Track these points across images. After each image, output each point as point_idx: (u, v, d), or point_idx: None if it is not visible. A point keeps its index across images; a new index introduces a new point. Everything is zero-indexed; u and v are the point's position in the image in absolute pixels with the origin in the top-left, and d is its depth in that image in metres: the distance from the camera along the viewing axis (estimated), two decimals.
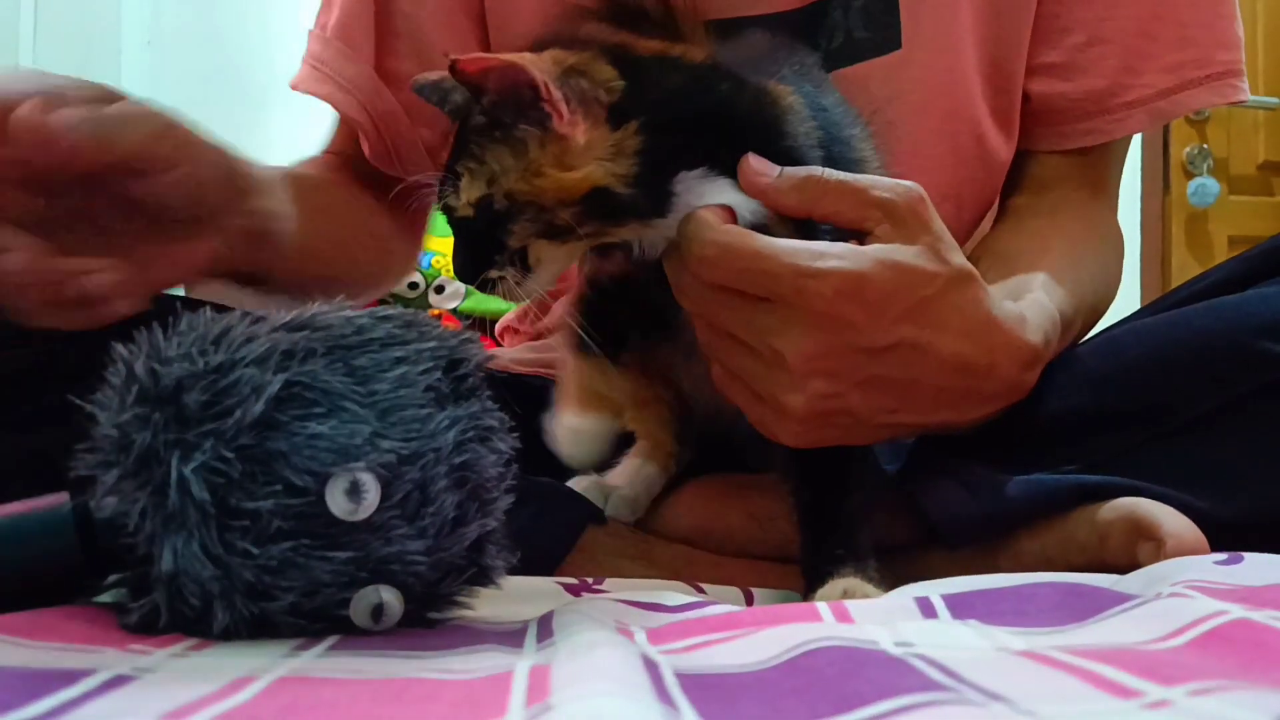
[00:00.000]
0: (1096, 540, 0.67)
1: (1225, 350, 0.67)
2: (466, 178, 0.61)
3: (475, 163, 0.61)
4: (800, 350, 0.58)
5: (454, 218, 0.63)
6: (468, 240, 0.63)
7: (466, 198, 0.61)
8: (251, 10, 2.92)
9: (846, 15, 0.82)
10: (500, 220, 0.61)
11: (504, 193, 0.61)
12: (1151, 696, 0.33)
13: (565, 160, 0.60)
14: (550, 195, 0.61)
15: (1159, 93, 0.83)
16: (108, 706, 0.34)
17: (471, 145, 0.61)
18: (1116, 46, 0.84)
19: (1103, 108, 0.85)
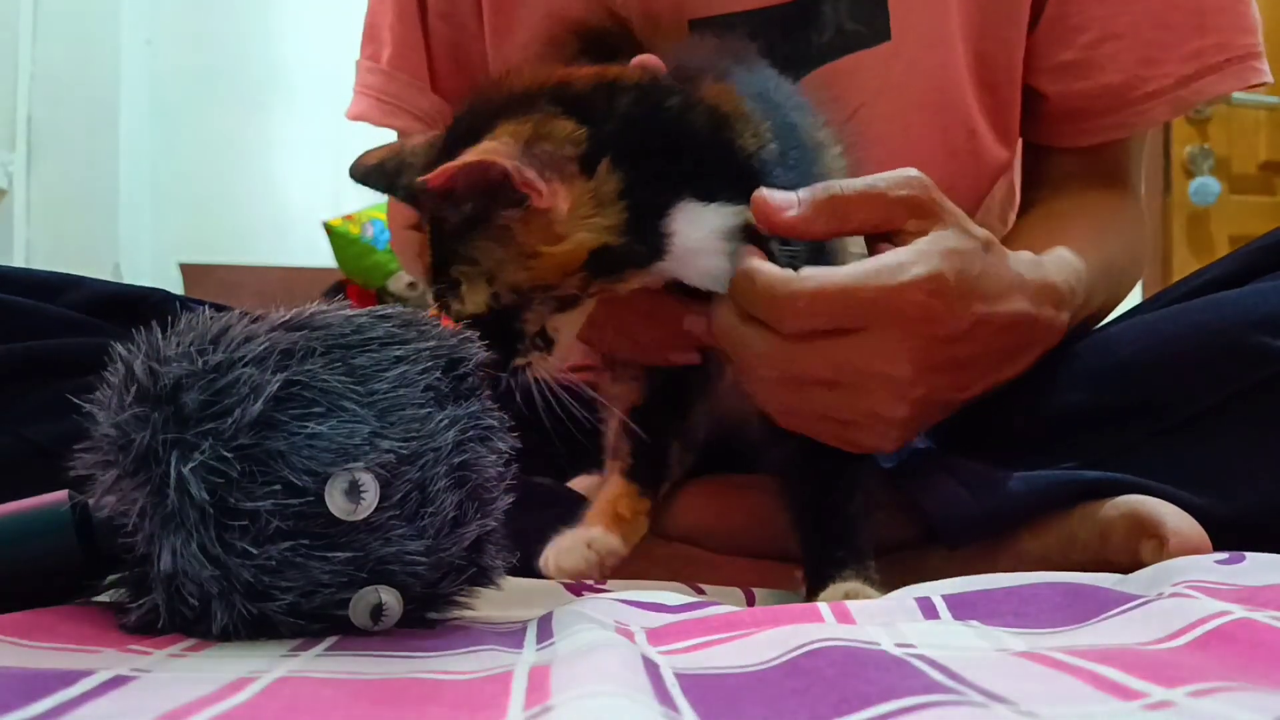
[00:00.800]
0: (1098, 538, 0.67)
1: (1224, 346, 0.67)
2: (465, 284, 0.59)
3: (468, 265, 0.59)
4: (910, 364, 0.60)
5: (462, 319, 0.60)
6: (484, 335, 0.59)
7: (472, 305, 0.59)
8: (251, 10, 2.92)
9: (836, 8, 0.82)
10: (512, 312, 0.60)
11: (507, 287, 0.59)
12: (1153, 697, 0.33)
13: (554, 232, 0.58)
14: (552, 273, 0.59)
15: (1179, 81, 0.83)
16: (107, 707, 0.34)
17: (458, 249, 0.59)
18: (1131, 40, 0.83)
19: (1123, 101, 0.84)
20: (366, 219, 2.41)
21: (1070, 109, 0.86)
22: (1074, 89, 0.85)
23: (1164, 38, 0.82)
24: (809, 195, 0.59)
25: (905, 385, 0.61)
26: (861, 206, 0.60)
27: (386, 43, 0.92)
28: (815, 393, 0.61)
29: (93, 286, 0.76)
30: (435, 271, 0.60)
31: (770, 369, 0.61)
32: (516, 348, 0.60)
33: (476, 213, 0.58)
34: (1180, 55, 0.82)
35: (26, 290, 0.73)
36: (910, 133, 0.83)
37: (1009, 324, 0.63)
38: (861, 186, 0.60)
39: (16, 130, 2.58)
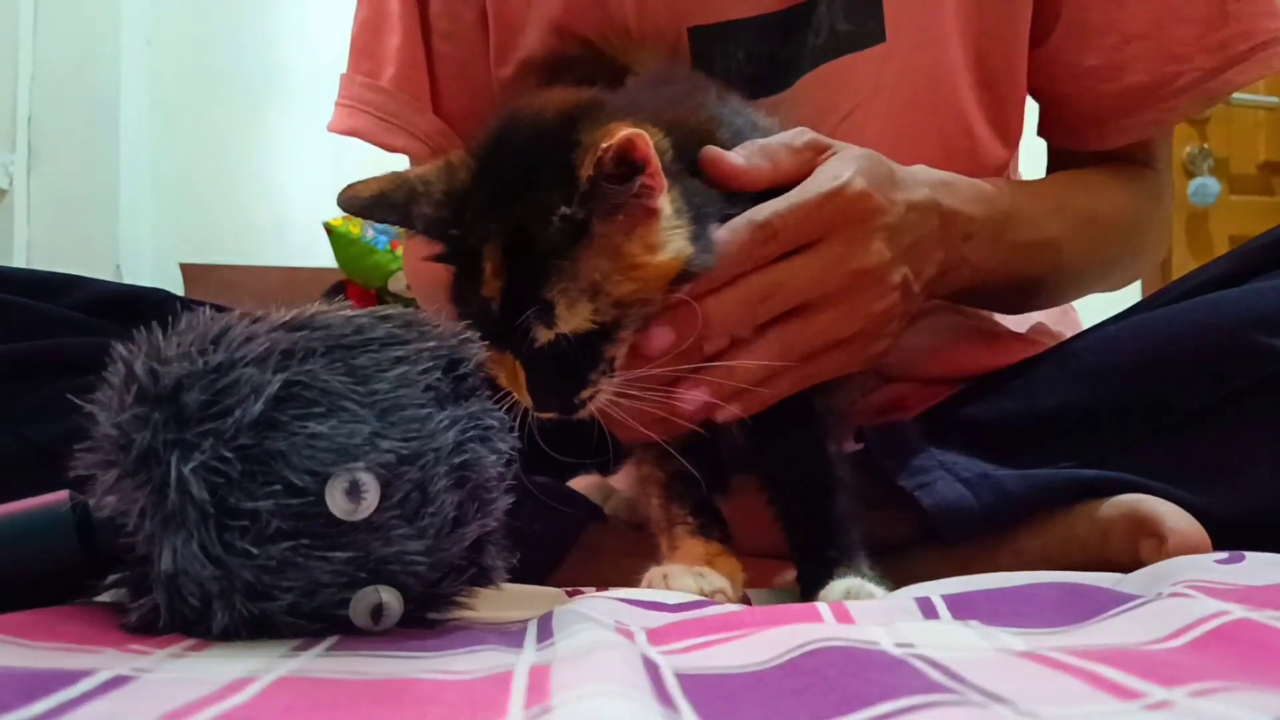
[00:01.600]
0: (1098, 537, 0.67)
1: (1223, 345, 0.67)
2: (563, 304, 0.55)
3: (568, 282, 0.55)
4: (875, 250, 0.66)
5: (530, 351, 0.57)
6: (545, 369, 0.57)
7: (569, 325, 0.56)
8: (251, 10, 2.92)
9: (830, 10, 0.82)
10: (605, 332, 0.57)
11: (611, 302, 0.57)
12: (1153, 697, 0.33)
13: (653, 240, 0.57)
14: (653, 285, 0.58)
15: (1206, 74, 0.82)
16: (107, 707, 0.34)
17: (555, 265, 0.56)
18: (1154, 39, 0.83)
19: (1151, 100, 0.84)
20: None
21: (1098, 112, 0.86)
22: (1100, 91, 0.85)
23: (1187, 32, 0.82)
24: (748, 149, 0.65)
25: (883, 271, 0.66)
26: (787, 154, 0.66)
27: (389, 61, 0.91)
28: (815, 322, 0.65)
29: (93, 286, 0.76)
30: (512, 300, 0.56)
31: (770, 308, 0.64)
32: (589, 377, 0.58)
33: (575, 224, 0.55)
34: (1205, 48, 0.82)
35: (27, 290, 0.73)
36: (906, 133, 0.83)
37: (927, 208, 0.70)
38: (779, 140, 0.66)
39: (16, 130, 2.57)
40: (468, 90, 0.91)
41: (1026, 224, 0.78)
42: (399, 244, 2.39)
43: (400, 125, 0.91)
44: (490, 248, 0.57)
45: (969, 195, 0.74)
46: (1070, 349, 0.74)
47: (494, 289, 0.57)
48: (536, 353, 0.57)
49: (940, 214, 0.71)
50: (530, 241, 0.56)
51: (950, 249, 0.72)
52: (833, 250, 0.65)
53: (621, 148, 0.54)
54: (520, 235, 0.56)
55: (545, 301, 0.56)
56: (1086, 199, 0.86)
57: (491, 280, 0.57)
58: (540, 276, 0.56)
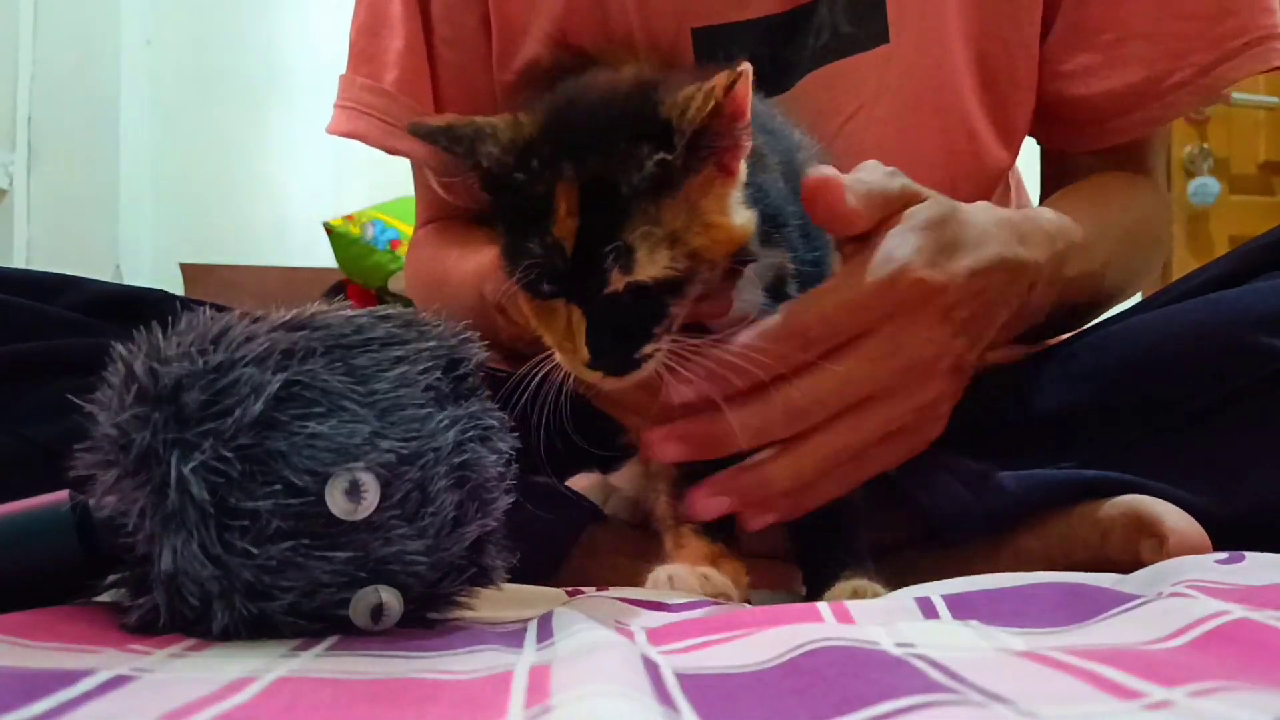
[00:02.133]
0: (1098, 537, 0.67)
1: (1223, 345, 0.67)
2: (643, 247, 0.54)
3: (652, 226, 0.55)
4: (928, 339, 0.62)
5: (599, 297, 0.55)
6: (609, 320, 0.56)
7: (649, 272, 0.55)
8: (251, 10, 2.92)
9: (832, 11, 0.82)
10: (674, 286, 0.56)
11: (686, 253, 0.56)
12: (1153, 697, 0.33)
13: (727, 203, 0.57)
14: (723, 248, 0.57)
15: (1200, 70, 0.82)
16: (107, 706, 0.34)
17: (641, 209, 0.55)
18: (1153, 36, 0.83)
19: (1147, 97, 0.83)
20: (367, 219, 2.41)
21: (1094, 110, 0.85)
22: (1098, 90, 0.84)
23: (1186, 29, 0.82)
24: (863, 190, 0.61)
25: (932, 362, 0.62)
26: (890, 203, 0.62)
27: (391, 65, 0.91)
28: (865, 418, 0.62)
29: (92, 287, 0.76)
30: (588, 241, 0.55)
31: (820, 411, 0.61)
32: (653, 332, 0.57)
33: (664, 172, 0.55)
34: (1203, 44, 0.82)
35: (26, 291, 0.73)
36: (909, 135, 0.82)
37: (992, 269, 0.65)
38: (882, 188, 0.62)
39: (16, 130, 2.58)
40: (469, 95, 0.91)
41: (1081, 257, 0.75)
42: (399, 244, 2.39)
43: (402, 128, 0.91)
44: (565, 187, 0.55)
45: (1036, 239, 0.69)
46: (1070, 349, 0.74)
47: (568, 229, 0.55)
48: (603, 301, 0.56)
49: (1008, 269, 0.66)
50: (611, 186, 0.55)
51: (1014, 305, 0.68)
52: (881, 346, 0.61)
53: (737, 87, 0.54)
54: (599, 180, 0.55)
55: (626, 244, 0.54)
56: (1120, 215, 0.84)
57: (565, 220, 0.55)
58: (621, 219, 0.55)
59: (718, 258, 0.57)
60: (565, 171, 0.55)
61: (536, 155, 0.57)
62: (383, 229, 2.40)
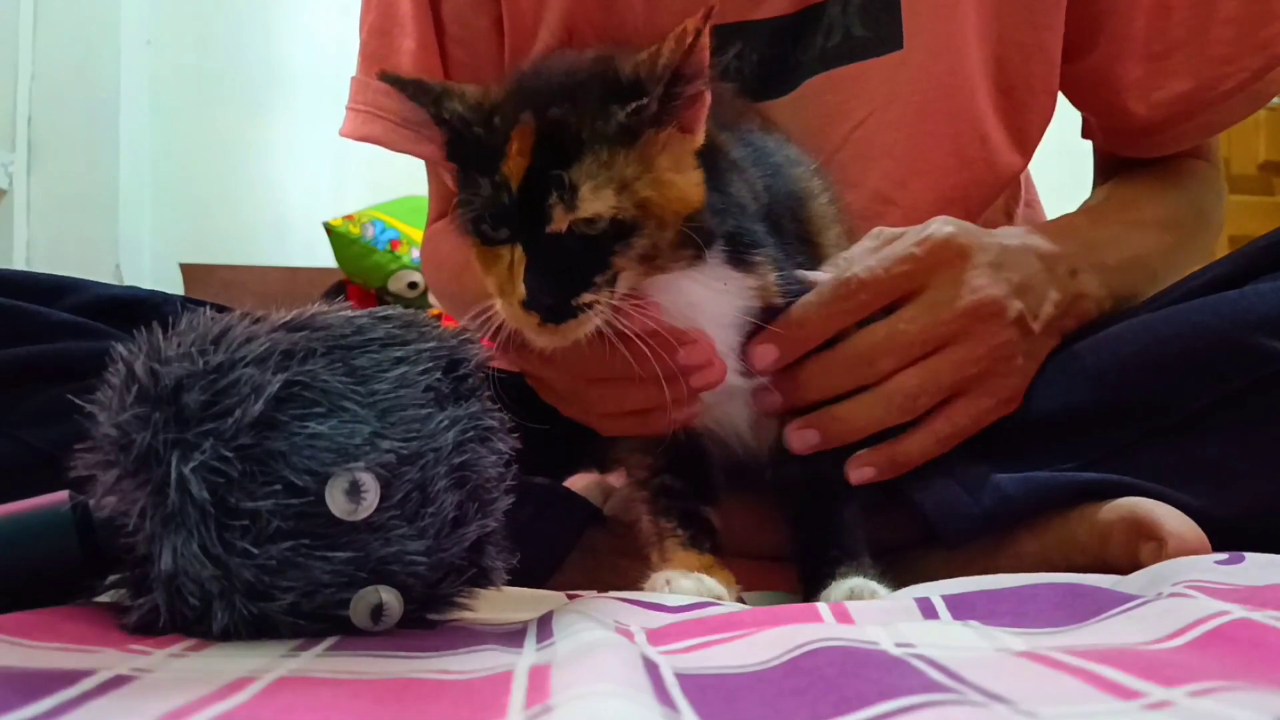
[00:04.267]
0: (1097, 540, 0.67)
1: (1223, 346, 0.67)
2: (589, 185, 0.56)
3: (601, 168, 0.56)
4: (974, 286, 0.67)
5: (541, 236, 0.56)
6: (550, 262, 0.56)
7: (592, 208, 0.56)
8: (251, 10, 2.92)
9: (844, 13, 0.82)
10: (617, 235, 0.57)
11: (634, 203, 0.57)
12: (1152, 697, 0.33)
13: (683, 165, 0.59)
14: (673, 206, 0.58)
15: (1253, 75, 0.82)
16: (107, 707, 0.34)
17: (592, 151, 0.56)
18: (1195, 45, 0.82)
19: (1200, 105, 0.83)
20: (367, 219, 2.41)
21: (1149, 122, 0.85)
22: (1151, 101, 0.84)
23: (1228, 33, 0.82)
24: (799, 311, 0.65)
25: (994, 304, 0.68)
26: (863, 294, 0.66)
27: (403, 67, 0.90)
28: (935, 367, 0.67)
29: (94, 290, 0.76)
30: (534, 178, 0.56)
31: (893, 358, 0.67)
32: (593, 281, 0.57)
33: (624, 124, 0.57)
34: (1249, 48, 0.81)
35: (27, 294, 0.73)
36: (921, 142, 0.82)
37: (1024, 250, 0.71)
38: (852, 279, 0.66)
39: (16, 130, 2.57)
40: None
41: (1111, 247, 0.78)
42: (399, 244, 2.39)
43: (419, 131, 0.90)
44: (520, 130, 0.57)
45: (1053, 234, 0.75)
46: (1070, 350, 0.74)
47: (517, 167, 0.57)
48: (546, 239, 0.56)
49: (1039, 255, 0.72)
50: (568, 133, 0.57)
51: (1063, 287, 0.72)
52: (936, 295, 0.66)
53: (702, 35, 0.56)
54: (557, 127, 0.57)
55: (570, 181, 0.56)
56: (1155, 209, 0.85)
57: (515, 158, 0.57)
58: (569, 160, 0.56)
59: (667, 216, 0.58)
60: (523, 119, 0.57)
61: (499, 114, 0.59)
62: (383, 229, 2.40)
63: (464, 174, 0.61)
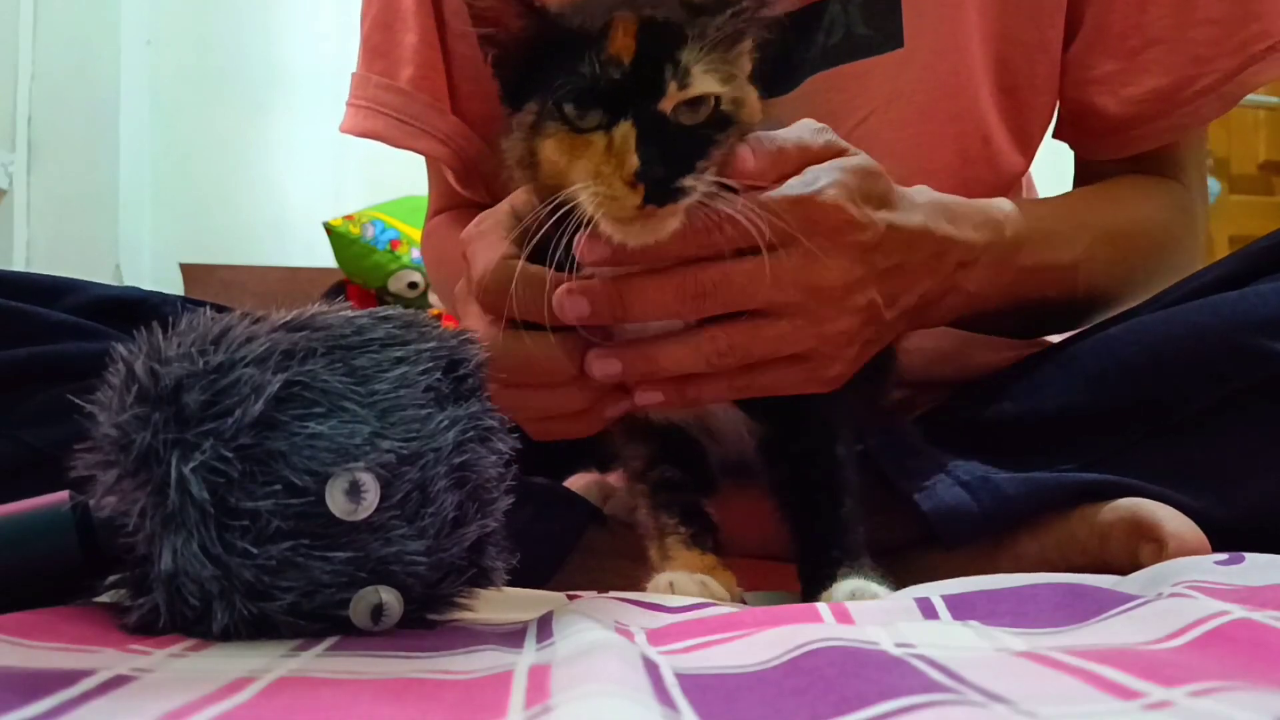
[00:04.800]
0: (1097, 541, 0.67)
1: (1223, 347, 0.67)
2: (699, 68, 0.57)
3: (705, 56, 0.57)
4: (841, 270, 0.62)
5: (652, 112, 0.56)
6: (660, 138, 0.56)
7: (703, 86, 0.57)
8: (251, 10, 2.92)
9: (846, 10, 0.81)
10: (715, 126, 0.58)
11: (732, 98, 0.59)
12: (1152, 697, 0.33)
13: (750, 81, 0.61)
14: (748, 112, 0.60)
15: (1225, 75, 0.81)
16: (107, 707, 0.34)
17: (694, 43, 0.57)
18: (1178, 41, 0.82)
19: (1172, 103, 0.83)
20: (367, 219, 2.41)
21: (1119, 118, 0.85)
22: (1122, 96, 0.84)
23: (1209, 34, 0.81)
24: (758, 146, 0.61)
25: (846, 290, 0.63)
26: (797, 155, 0.63)
27: (406, 62, 0.90)
28: (762, 330, 0.62)
29: (93, 290, 0.76)
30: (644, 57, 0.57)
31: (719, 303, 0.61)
32: (697, 164, 0.57)
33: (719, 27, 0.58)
34: (1227, 49, 0.81)
35: (27, 294, 0.73)
36: (922, 141, 0.82)
37: (916, 235, 0.66)
38: (794, 140, 0.63)
39: (16, 130, 2.57)
40: (485, 91, 0.90)
41: (1040, 247, 0.75)
42: (399, 244, 2.39)
43: (421, 127, 0.90)
44: (622, 21, 0.57)
45: (974, 220, 0.71)
46: (1070, 351, 0.74)
47: (625, 46, 0.57)
48: (655, 116, 0.56)
49: (933, 241, 0.67)
50: (665, 27, 0.57)
51: (940, 278, 0.69)
52: (791, 259, 0.61)
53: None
54: (654, 23, 0.58)
55: (682, 63, 0.56)
56: (1109, 215, 0.83)
57: (623, 39, 0.57)
58: (676, 48, 0.57)
59: (744, 121, 0.60)
60: (622, 13, 0.58)
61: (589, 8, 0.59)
62: (383, 229, 2.40)
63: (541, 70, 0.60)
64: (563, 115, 0.57)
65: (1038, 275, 0.76)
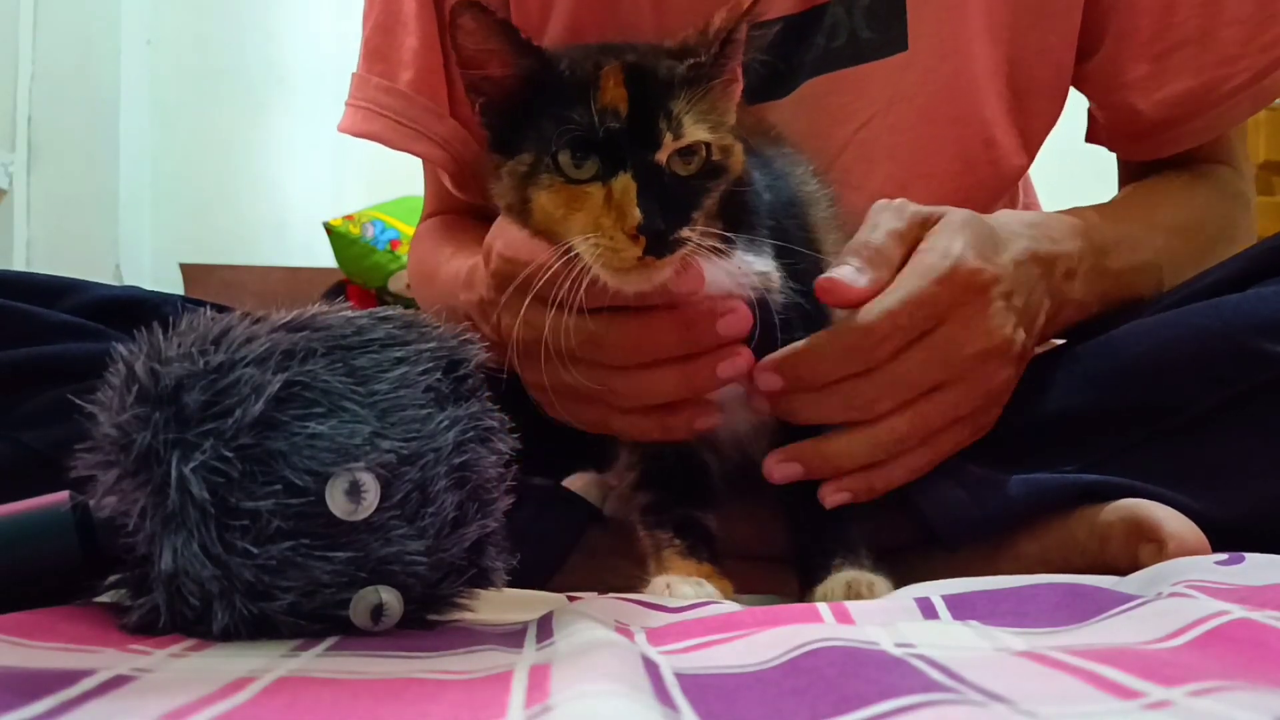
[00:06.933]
0: (1097, 542, 0.67)
1: (1225, 349, 0.67)
2: (690, 117, 0.58)
3: (693, 105, 0.58)
4: (988, 330, 0.65)
5: (648, 163, 0.57)
6: (657, 190, 0.57)
7: (696, 135, 0.58)
8: (251, 10, 2.92)
9: (850, 14, 0.81)
10: (706, 176, 0.59)
11: (720, 146, 0.60)
12: (1152, 697, 0.33)
13: (735, 110, 0.61)
14: (735, 164, 0.61)
15: (1256, 75, 0.81)
16: (107, 706, 0.34)
17: (681, 90, 0.58)
18: (1204, 42, 0.82)
19: (1204, 104, 0.83)
20: (367, 219, 2.41)
21: (1152, 121, 0.85)
22: (1153, 100, 0.84)
23: (1235, 34, 0.81)
24: (857, 259, 0.64)
25: (1002, 348, 0.66)
26: (896, 246, 0.66)
27: (405, 64, 0.90)
28: (936, 402, 0.65)
29: (94, 291, 0.76)
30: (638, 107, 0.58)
31: (891, 400, 0.64)
32: (691, 216, 0.58)
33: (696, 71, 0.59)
34: (1254, 49, 0.81)
35: (27, 294, 0.73)
36: (924, 144, 0.82)
37: (1028, 261, 0.69)
38: (885, 232, 0.66)
39: (16, 130, 2.57)
40: None
41: (1125, 249, 0.77)
42: (399, 244, 2.39)
43: (419, 130, 0.90)
44: (611, 70, 0.58)
45: (1064, 233, 0.73)
46: (1072, 351, 0.74)
47: (619, 96, 0.58)
48: (651, 168, 0.57)
49: (1040, 261, 0.70)
50: (651, 76, 0.59)
51: (1055, 293, 0.72)
52: (952, 334, 0.64)
53: None
54: (640, 71, 0.59)
55: (674, 112, 0.58)
56: (1174, 210, 0.84)
57: (615, 88, 0.58)
58: (665, 96, 0.58)
59: (730, 164, 0.60)
60: (608, 61, 0.59)
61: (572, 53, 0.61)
62: (383, 229, 2.40)
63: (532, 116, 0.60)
64: (558, 166, 0.58)
65: (1128, 277, 0.77)
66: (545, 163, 0.58)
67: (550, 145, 0.58)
